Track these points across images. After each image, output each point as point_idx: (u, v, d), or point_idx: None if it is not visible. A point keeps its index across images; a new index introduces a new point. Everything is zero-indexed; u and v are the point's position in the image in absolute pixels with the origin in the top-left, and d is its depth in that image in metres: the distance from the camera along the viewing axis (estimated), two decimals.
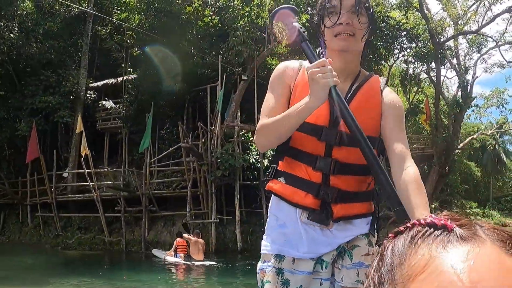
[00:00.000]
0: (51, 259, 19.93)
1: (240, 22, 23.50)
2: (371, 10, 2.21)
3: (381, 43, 26.55)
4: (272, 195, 2.37)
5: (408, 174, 2.09)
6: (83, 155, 23.09)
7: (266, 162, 21.71)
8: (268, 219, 2.43)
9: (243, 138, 22.96)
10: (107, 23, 29.96)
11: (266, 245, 2.34)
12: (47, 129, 26.56)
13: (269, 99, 2.34)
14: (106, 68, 30.34)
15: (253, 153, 22.24)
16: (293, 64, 2.38)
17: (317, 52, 2.23)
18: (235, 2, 23.46)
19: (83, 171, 23.53)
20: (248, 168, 21.49)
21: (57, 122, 25.96)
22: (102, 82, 28.91)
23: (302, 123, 2.16)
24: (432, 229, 0.60)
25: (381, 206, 2.54)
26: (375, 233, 2.38)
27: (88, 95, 28.10)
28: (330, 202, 2.19)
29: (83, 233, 24.44)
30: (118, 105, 27.25)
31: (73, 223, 25.31)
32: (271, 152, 22.03)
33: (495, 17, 27.15)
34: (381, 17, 24.85)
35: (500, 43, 30.29)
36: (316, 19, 2.27)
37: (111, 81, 28.48)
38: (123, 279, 13.51)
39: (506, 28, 29.65)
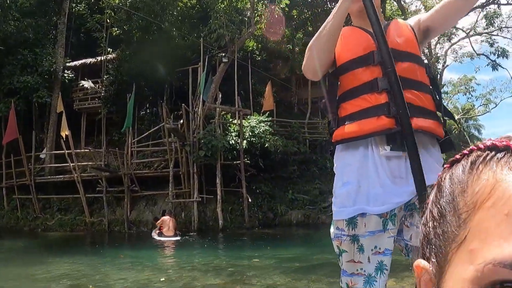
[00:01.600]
0: (37, 241, 19.69)
1: (221, 5, 23.63)
2: None
3: None
4: (337, 148, 2.45)
5: None
6: (64, 136, 22.90)
7: (245, 143, 22.12)
8: (334, 180, 2.47)
9: (223, 119, 23.16)
10: (81, 1, 29.58)
11: (336, 211, 2.39)
12: (25, 109, 26.03)
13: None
14: (82, 47, 29.89)
15: (233, 134, 22.52)
16: None
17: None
18: None
19: (62, 152, 23.31)
20: (227, 149, 21.67)
21: (34, 102, 25.53)
22: (80, 62, 28.45)
23: (352, 62, 2.36)
24: (493, 152, 0.56)
25: None
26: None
27: (65, 75, 27.55)
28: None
29: (63, 214, 24.16)
30: (97, 85, 26.96)
31: (52, 205, 24.95)
32: (249, 133, 22.53)
33: None
34: None
35: (470, 33, 31.25)
36: None
37: (89, 60, 28.07)
38: (119, 257, 13.57)
39: (476, 21, 30.57)
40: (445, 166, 0.62)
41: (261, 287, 8.03)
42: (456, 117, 42.69)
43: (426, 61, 2.46)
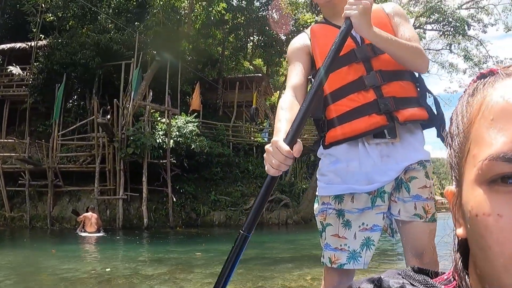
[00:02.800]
0: None
1: (160, 2, 23.68)
2: None
3: None
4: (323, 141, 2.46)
5: None
6: None
7: (172, 142, 22.37)
8: (320, 161, 2.47)
9: (152, 117, 23.29)
10: None
11: (323, 187, 2.40)
12: None
13: (290, 71, 2.47)
14: (10, 29, 28.62)
15: (160, 133, 22.68)
16: (301, 36, 2.56)
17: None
18: None
19: None
20: (154, 148, 21.83)
21: None
22: (8, 45, 27.12)
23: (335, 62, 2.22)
24: (482, 79, 0.65)
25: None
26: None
27: None
28: (392, 110, 2.26)
29: None
30: (25, 72, 25.97)
31: None
32: (176, 133, 22.81)
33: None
34: None
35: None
36: None
37: (19, 45, 26.80)
38: (51, 252, 13.50)
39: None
40: (461, 95, 0.71)
41: (205, 276, 8.46)
42: None
43: None
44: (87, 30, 24.37)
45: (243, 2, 29.21)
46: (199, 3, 26.30)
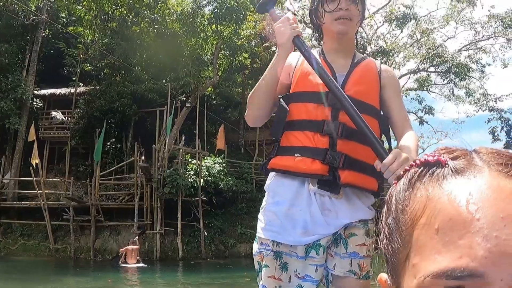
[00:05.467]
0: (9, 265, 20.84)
1: (187, 52, 26.07)
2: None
3: None
4: (271, 174, 2.43)
5: (406, 136, 2.31)
6: (34, 164, 24.25)
7: (202, 181, 24.64)
8: (265, 197, 2.44)
9: (184, 159, 25.63)
10: (59, 34, 30.57)
11: (263, 228, 2.36)
12: None
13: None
14: (49, 75, 30.88)
15: (191, 172, 24.96)
16: (294, 54, 2.45)
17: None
18: (180, 31, 26.06)
19: (31, 179, 24.49)
20: (188, 187, 24.09)
21: (7, 128, 26.55)
22: (49, 91, 29.89)
23: (306, 93, 2.33)
24: (427, 168, 0.60)
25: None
26: (375, 222, 2.36)
27: (34, 103, 28.80)
28: (337, 167, 2.20)
29: (26, 239, 25.35)
30: (66, 117, 28.58)
31: (14, 230, 25.95)
32: (206, 173, 25.09)
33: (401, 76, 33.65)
34: None
35: (402, 95, 36.45)
36: (315, 3, 2.43)
37: (59, 91, 29.67)
38: (108, 281, 15.51)
39: (406, 82, 35.53)
40: (393, 182, 0.67)
41: None
42: None
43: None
44: (123, 80, 26.76)
45: (259, 49, 31.68)
46: (222, 52, 28.79)
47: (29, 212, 25.62)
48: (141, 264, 20.16)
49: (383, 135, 2.44)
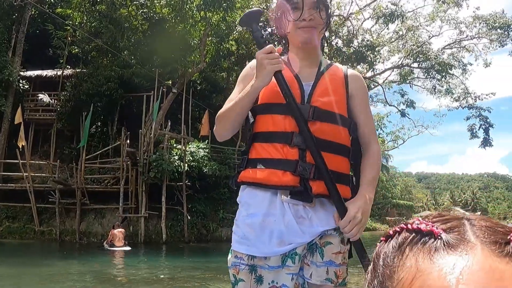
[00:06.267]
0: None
1: (173, 38, 26.26)
2: (329, 6, 2.45)
3: None
4: (243, 187, 2.41)
5: (369, 155, 2.39)
6: (20, 146, 24.38)
7: (186, 166, 25.18)
8: (238, 210, 2.44)
9: (169, 144, 26.06)
10: (47, 17, 30.33)
11: (237, 241, 2.35)
12: None
13: (234, 93, 2.46)
14: (35, 56, 30.92)
15: (175, 158, 25.45)
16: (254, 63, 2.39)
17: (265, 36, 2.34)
18: (168, 16, 26.26)
19: (16, 161, 24.69)
20: (172, 172, 24.58)
21: None
22: (35, 73, 29.93)
23: (274, 105, 2.31)
24: (419, 236, 0.59)
25: None
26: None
27: (21, 85, 28.81)
28: (308, 178, 2.19)
29: (10, 222, 25.65)
30: (52, 99, 28.71)
31: None
32: (190, 158, 25.54)
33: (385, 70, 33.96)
34: None
35: (385, 87, 37.07)
36: (278, 13, 2.39)
37: (45, 73, 29.81)
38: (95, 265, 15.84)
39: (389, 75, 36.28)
40: (381, 239, 0.67)
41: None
42: None
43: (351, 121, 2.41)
44: (110, 63, 26.94)
45: (246, 35, 31.97)
46: (210, 38, 29.05)
47: (14, 194, 25.77)
48: (127, 248, 20.57)
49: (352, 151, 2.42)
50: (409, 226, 0.62)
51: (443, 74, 32.89)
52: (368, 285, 0.64)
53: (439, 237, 0.58)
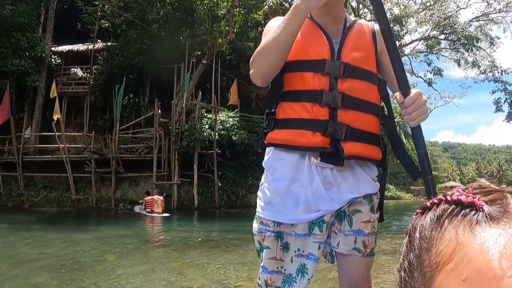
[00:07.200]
0: (34, 217, 21.28)
1: (204, 10, 26.71)
2: None
3: None
4: (268, 149, 2.35)
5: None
6: (55, 119, 25.14)
7: (217, 135, 25.84)
8: (264, 174, 2.37)
9: (200, 113, 26.73)
10: None
11: (263, 208, 2.27)
12: (18, 92, 27.87)
13: (263, 41, 2.20)
14: (64, 31, 31.36)
15: (206, 127, 26.09)
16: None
17: None
18: None
19: (52, 133, 25.80)
20: (203, 141, 25.27)
21: (28, 85, 27.26)
22: (66, 47, 30.65)
23: (303, 62, 2.18)
24: (459, 208, 0.56)
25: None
26: (378, 195, 2.33)
27: (53, 60, 29.45)
28: (339, 139, 2.11)
29: (48, 191, 26.54)
30: (85, 73, 29.47)
31: (36, 183, 27.03)
32: (220, 126, 26.16)
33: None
34: None
35: (412, 57, 37.34)
36: None
37: (76, 47, 30.54)
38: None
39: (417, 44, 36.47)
40: (417, 211, 0.64)
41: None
42: (396, 119, 48.47)
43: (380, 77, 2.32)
44: (140, 37, 27.50)
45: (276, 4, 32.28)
46: (238, 9, 29.47)
47: (50, 165, 26.62)
48: (166, 214, 21.17)
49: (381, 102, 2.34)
50: (449, 197, 0.60)
51: (469, 47, 32.85)
52: (404, 258, 0.61)
53: (481, 209, 0.55)
